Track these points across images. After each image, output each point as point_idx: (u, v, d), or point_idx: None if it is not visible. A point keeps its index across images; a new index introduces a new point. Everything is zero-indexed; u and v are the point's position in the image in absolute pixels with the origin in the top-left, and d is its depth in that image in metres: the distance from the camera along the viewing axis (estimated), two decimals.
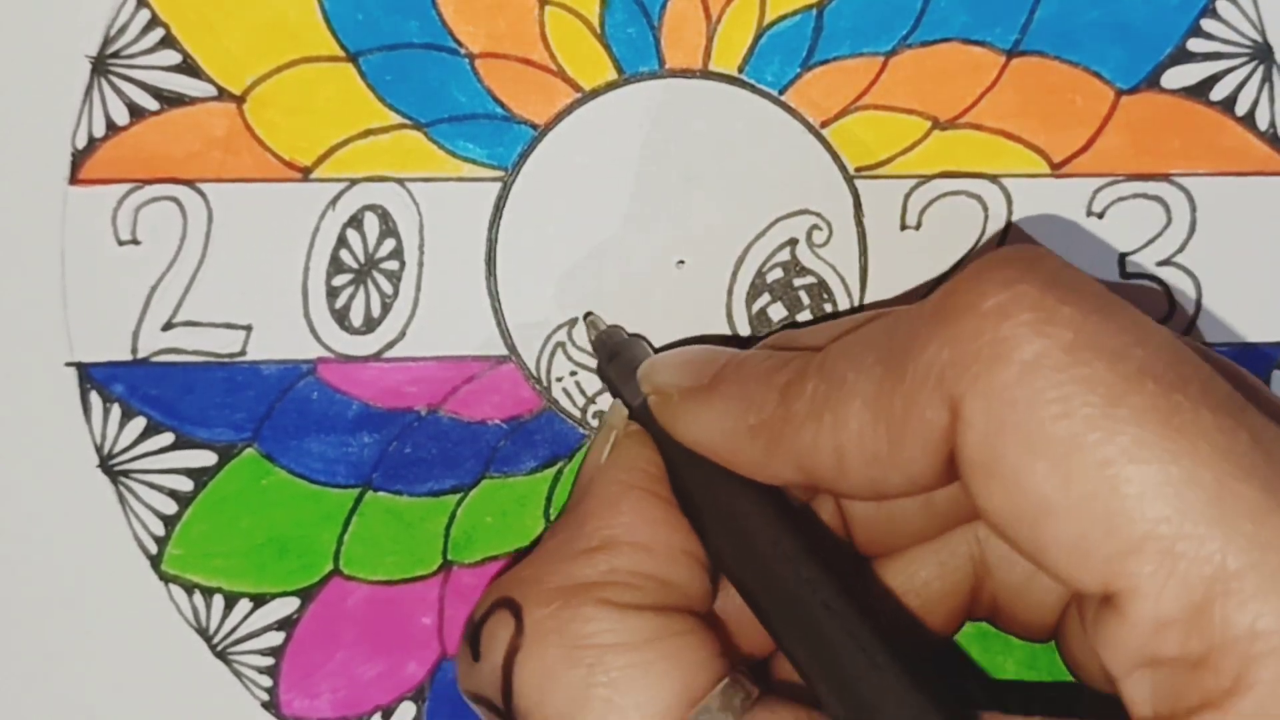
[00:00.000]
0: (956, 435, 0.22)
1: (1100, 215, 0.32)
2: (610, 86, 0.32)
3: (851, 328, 0.26)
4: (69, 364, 0.31)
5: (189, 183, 0.31)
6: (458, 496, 0.32)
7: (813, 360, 0.24)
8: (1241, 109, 0.32)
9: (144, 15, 0.31)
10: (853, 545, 0.28)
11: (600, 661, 0.24)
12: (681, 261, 0.32)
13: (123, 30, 0.31)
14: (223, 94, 0.31)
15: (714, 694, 0.24)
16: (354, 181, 0.31)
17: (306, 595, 0.31)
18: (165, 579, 0.31)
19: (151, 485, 0.31)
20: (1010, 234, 0.32)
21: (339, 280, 0.31)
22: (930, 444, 0.22)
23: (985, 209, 0.32)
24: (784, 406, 0.24)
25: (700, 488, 0.26)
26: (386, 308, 0.31)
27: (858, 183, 0.32)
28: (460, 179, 0.31)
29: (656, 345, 0.31)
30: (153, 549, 0.31)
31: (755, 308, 0.32)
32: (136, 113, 0.31)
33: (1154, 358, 0.21)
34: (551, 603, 0.25)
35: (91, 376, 0.31)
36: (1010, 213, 0.32)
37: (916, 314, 0.23)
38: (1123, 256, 0.32)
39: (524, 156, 0.31)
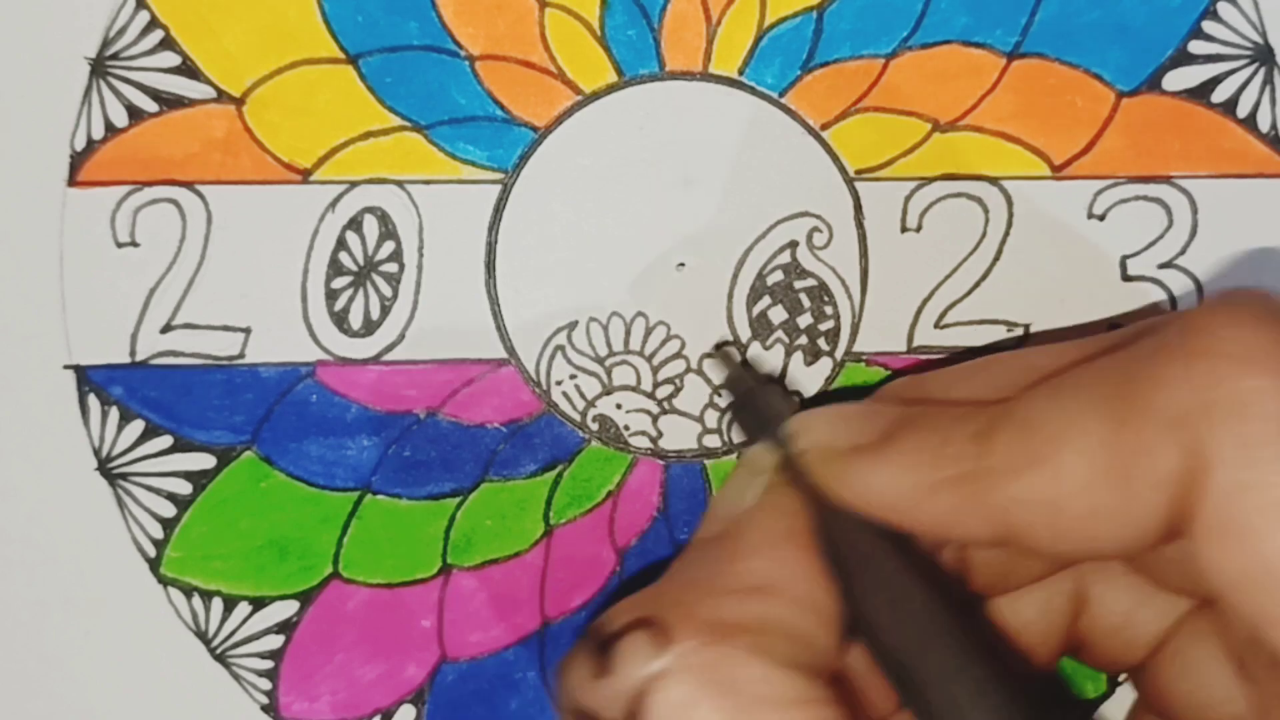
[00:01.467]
0: (1194, 487, 0.21)
1: (1101, 217, 0.32)
2: (610, 88, 0.31)
3: (1006, 372, 0.24)
4: (67, 366, 0.31)
5: (188, 185, 0.31)
6: (457, 499, 0.32)
7: (1007, 409, 0.23)
8: (1243, 111, 0.32)
9: (143, 17, 0.31)
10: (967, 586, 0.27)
11: (747, 713, 0.22)
12: (682, 264, 0.32)
13: (122, 32, 0.31)
14: (222, 96, 0.31)
15: None
16: (353, 184, 0.31)
17: (306, 598, 0.31)
18: (164, 582, 0.31)
19: (150, 488, 0.31)
20: (1011, 238, 0.32)
21: (338, 283, 0.31)
22: (1163, 496, 0.21)
23: (986, 211, 0.32)
24: (982, 459, 0.23)
25: (847, 543, 0.25)
26: (386, 310, 0.31)
27: (858, 185, 0.32)
28: (460, 181, 0.31)
29: (657, 346, 0.31)
30: (151, 552, 0.31)
31: (756, 310, 0.32)
32: (135, 114, 0.31)
33: None
34: (701, 635, 0.23)
35: (90, 379, 0.31)
36: (1011, 215, 0.32)
37: (1147, 354, 0.22)
38: (1124, 259, 0.32)
39: (524, 158, 0.31)
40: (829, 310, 0.32)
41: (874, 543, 0.25)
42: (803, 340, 0.32)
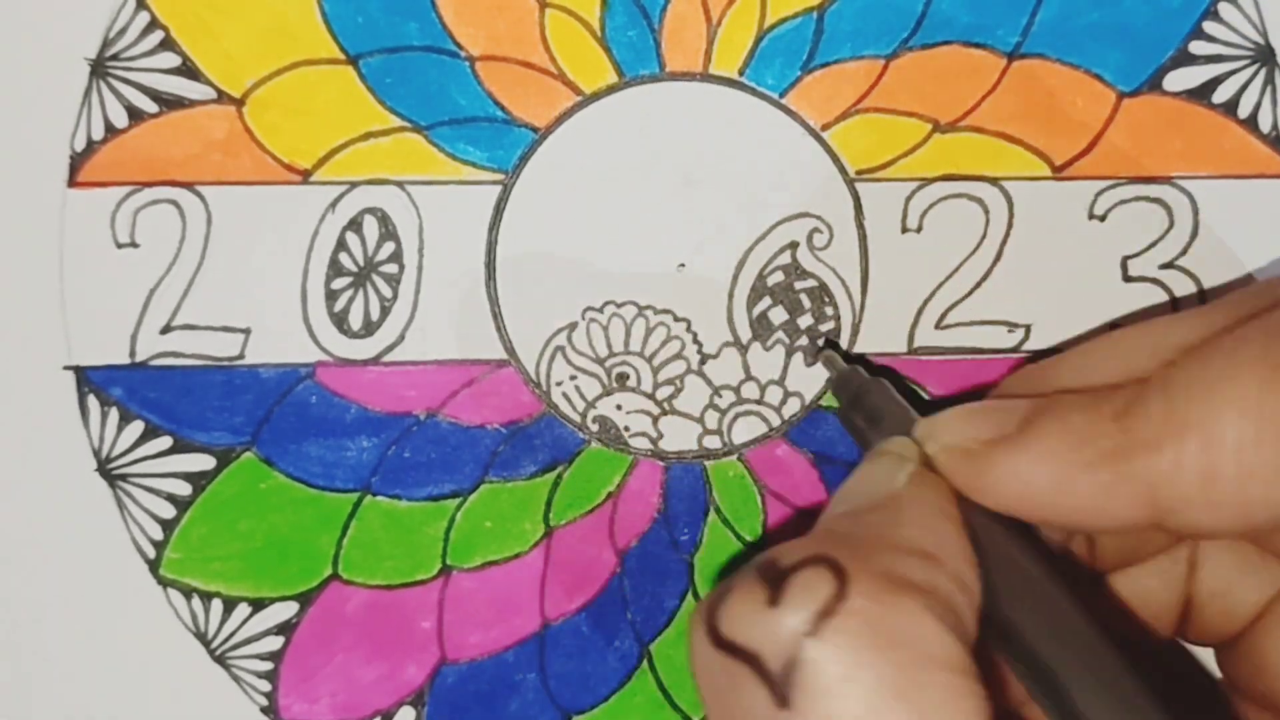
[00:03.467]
0: None
1: (1102, 218, 0.32)
2: (611, 89, 0.31)
3: (1133, 346, 0.24)
4: (67, 367, 0.31)
5: (188, 185, 0.31)
6: (457, 501, 0.31)
7: (1150, 382, 0.22)
8: (1244, 112, 0.32)
9: (143, 18, 0.31)
10: (1091, 562, 0.27)
11: (914, 670, 0.21)
12: (682, 265, 0.32)
13: (122, 33, 0.31)
14: (222, 96, 0.31)
15: None
16: (353, 184, 0.31)
17: (305, 599, 0.31)
18: (164, 583, 0.31)
19: (150, 489, 0.31)
20: (1012, 238, 0.32)
21: (338, 284, 0.31)
22: None
23: (986, 212, 0.32)
24: (1128, 433, 0.22)
25: (990, 541, 0.24)
26: (385, 311, 0.31)
27: (858, 185, 0.32)
28: (460, 182, 0.31)
29: (657, 347, 0.31)
30: (151, 553, 0.31)
31: (756, 311, 0.32)
32: (135, 115, 0.31)
33: None
34: (879, 583, 0.22)
35: (90, 380, 0.31)
36: (1011, 215, 0.32)
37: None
38: (1125, 260, 0.32)
39: (524, 159, 0.31)
40: (829, 311, 0.32)
41: (1013, 541, 0.24)
42: (803, 341, 0.32)
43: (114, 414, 0.31)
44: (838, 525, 0.24)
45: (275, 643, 0.31)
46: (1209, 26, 0.32)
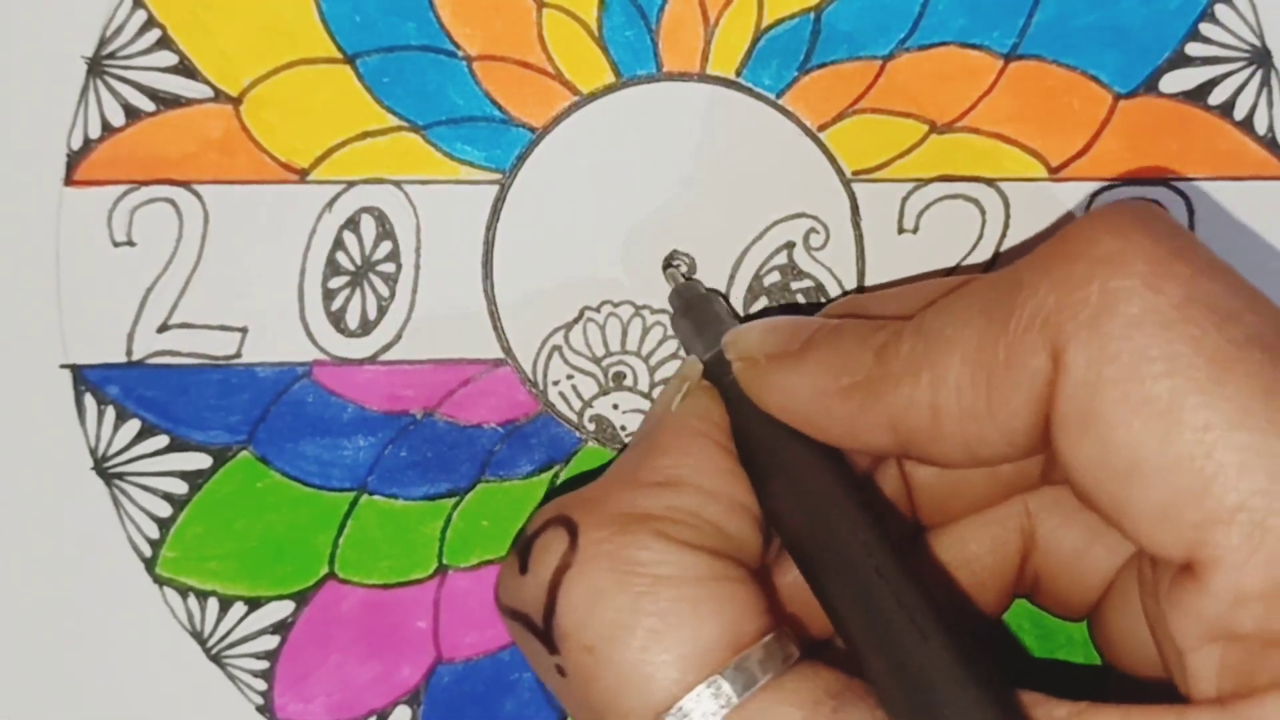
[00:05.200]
0: (1055, 385, 0.22)
1: None
2: (608, 89, 0.31)
3: (931, 290, 0.25)
4: (63, 366, 0.31)
5: (185, 184, 0.31)
6: (453, 500, 0.31)
7: (910, 322, 0.24)
8: (1240, 113, 0.32)
9: (140, 16, 0.31)
10: (913, 514, 0.28)
11: (651, 591, 0.24)
12: (679, 265, 0.32)
13: (119, 31, 0.31)
14: (219, 95, 0.31)
15: (758, 645, 0.24)
16: (351, 184, 0.31)
17: (301, 598, 0.31)
18: (160, 582, 0.31)
19: (146, 488, 0.31)
20: (1008, 239, 0.32)
21: (335, 283, 0.31)
22: (1031, 397, 0.22)
23: (983, 213, 0.32)
24: (880, 366, 0.24)
25: (765, 447, 0.26)
26: (383, 310, 0.31)
27: (855, 186, 0.32)
28: (457, 181, 0.31)
29: (654, 347, 0.31)
30: (147, 552, 0.31)
31: (752, 311, 0.32)
32: (132, 114, 0.31)
33: (1264, 325, 0.21)
34: (609, 527, 0.25)
35: (86, 378, 0.31)
36: (1008, 216, 0.32)
37: (1023, 264, 0.23)
38: None
39: (521, 159, 0.31)
40: None
41: (784, 444, 0.26)
42: None
43: (110, 412, 0.31)
44: (603, 475, 0.27)
45: (271, 642, 0.31)
46: (1205, 28, 0.32)
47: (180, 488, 0.31)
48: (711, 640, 0.24)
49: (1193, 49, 0.32)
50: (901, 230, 0.32)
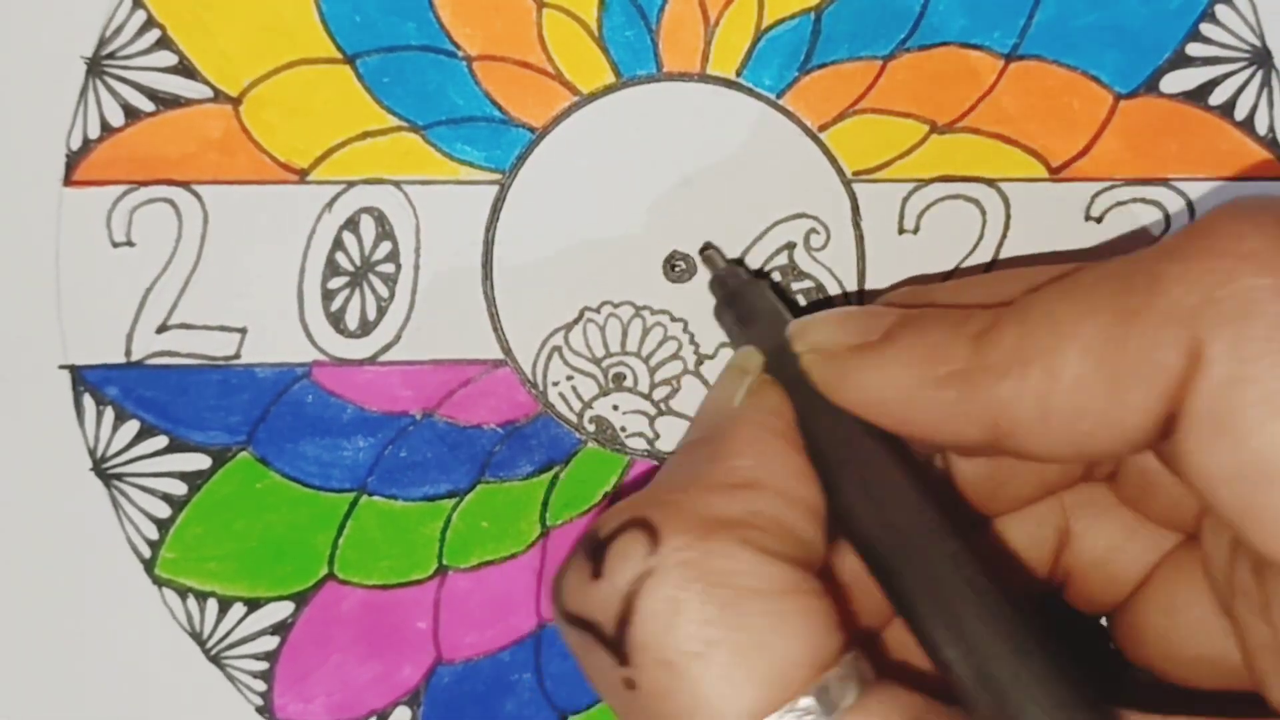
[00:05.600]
0: (1189, 383, 0.21)
1: (1099, 220, 0.32)
2: (608, 89, 0.31)
3: (1019, 279, 0.24)
4: (62, 366, 0.31)
5: (184, 184, 0.31)
6: (453, 501, 0.31)
7: (1009, 310, 0.23)
8: (1240, 113, 0.32)
9: (140, 16, 0.31)
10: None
11: (736, 604, 0.22)
12: (679, 264, 0.32)
13: (118, 31, 0.31)
14: (219, 95, 0.31)
15: (838, 666, 0.23)
16: (350, 184, 0.31)
17: (301, 599, 0.31)
18: (159, 583, 0.31)
19: (145, 489, 0.31)
20: (1008, 239, 0.32)
21: (334, 283, 0.31)
22: (1158, 393, 0.21)
23: (983, 213, 0.32)
24: (980, 356, 0.23)
25: (836, 445, 0.25)
26: (382, 311, 0.31)
27: (855, 186, 0.32)
28: (457, 181, 0.31)
29: (654, 348, 0.31)
30: (146, 553, 0.31)
31: None
32: (132, 114, 0.31)
33: None
34: (691, 532, 0.23)
35: (85, 379, 0.31)
36: (1008, 217, 0.32)
37: (1156, 255, 0.22)
38: None
39: (521, 159, 0.31)
40: None
41: (859, 441, 0.25)
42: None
43: (109, 413, 0.31)
44: (667, 473, 0.25)
45: (270, 642, 0.31)
46: (1206, 29, 0.32)
47: (179, 488, 0.31)
48: (796, 659, 0.22)
49: (1193, 49, 0.32)
50: (902, 231, 0.32)
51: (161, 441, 0.31)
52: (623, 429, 0.32)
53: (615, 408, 0.32)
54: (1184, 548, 0.27)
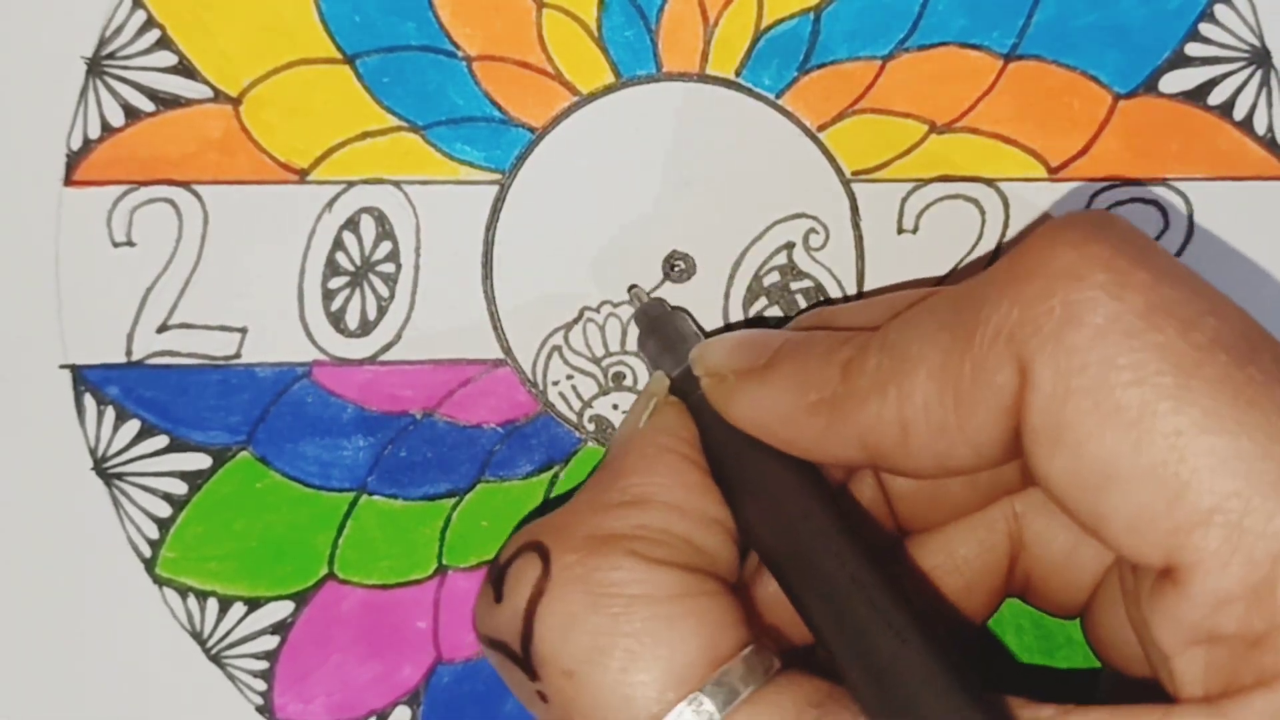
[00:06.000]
0: (1023, 399, 0.22)
1: None
2: (608, 89, 0.31)
3: (898, 302, 0.25)
4: (63, 366, 0.31)
5: (185, 184, 0.31)
6: (453, 500, 0.31)
7: (874, 336, 0.24)
8: (1239, 113, 0.32)
9: (140, 16, 0.31)
10: (894, 522, 0.28)
11: (626, 611, 0.24)
12: (679, 264, 0.32)
13: (118, 31, 0.31)
14: (219, 95, 0.31)
15: (738, 659, 0.24)
16: (350, 184, 0.31)
17: (301, 599, 0.31)
18: (159, 582, 0.31)
19: (146, 488, 0.31)
20: (1007, 239, 0.32)
21: (335, 283, 0.31)
22: (998, 411, 0.22)
23: (982, 213, 0.32)
24: (846, 383, 0.24)
25: (736, 461, 0.26)
26: (382, 311, 0.31)
27: (854, 186, 0.32)
28: (457, 181, 0.31)
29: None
30: (147, 552, 0.31)
31: (752, 311, 0.32)
32: (132, 114, 0.31)
33: (1227, 328, 0.21)
34: (580, 550, 0.25)
35: (86, 379, 0.31)
36: (1007, 216, 0.32)
37: (984, 279, 0.23)
38: None
39: (521, 159, 0.31)
40: None
41: (753, 457, 0.26)
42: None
43: (110, 413, 0.31)
44: (572, 499, 0.27)
45: (271, 642, 0.31)
46: (1205, 29, 0.32)
47: (180, 488, 0.31)
48: (690, 657, 0.24)
49: (1192, 49, 0.32)
50: (901, 230, 0.32)
51: (162, 441, 0.31)
52: None
53: (615, 407, 0.32)
54: None
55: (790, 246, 0.32)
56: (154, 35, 0.31)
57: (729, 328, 0.32)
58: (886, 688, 0.23)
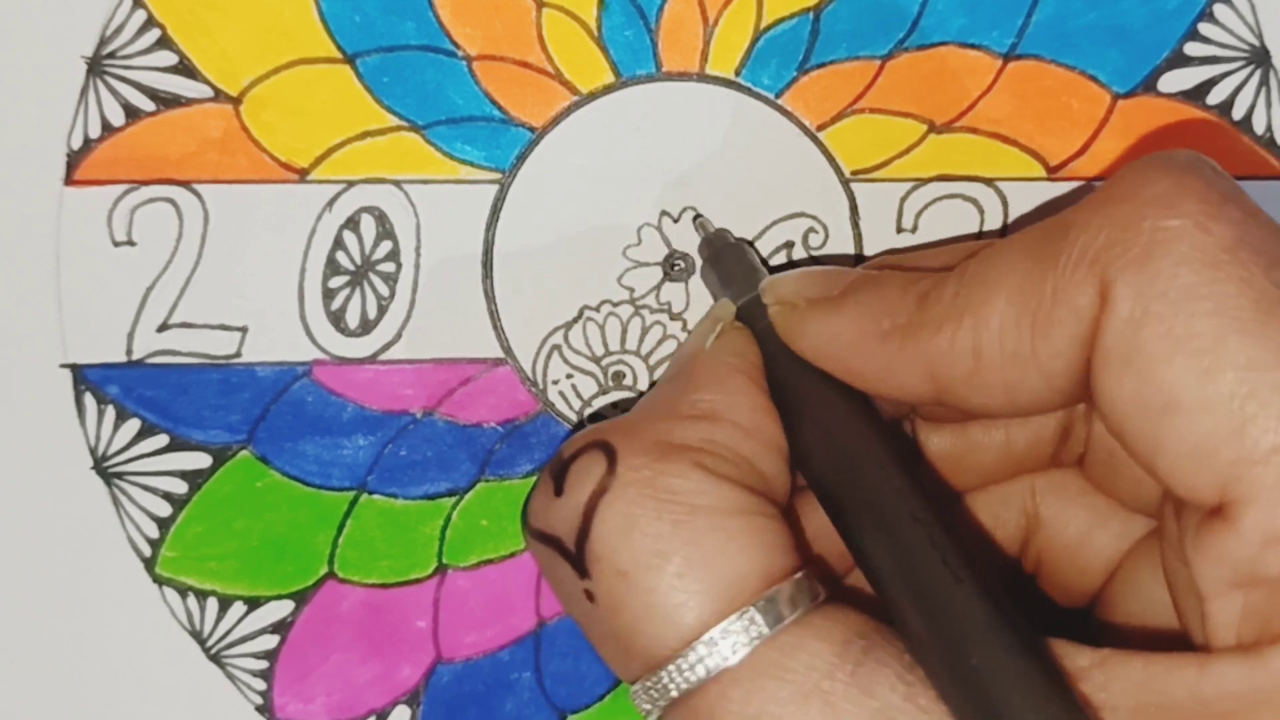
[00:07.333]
0: (1100, 322, 0.22)
1: None
2: (607, 89, 0.32)
3: (976, 247, 0.25)
4: (63, 365, 0.31)
5: (185, 184, 0.31)
6: (453, 499, 0.32)
7: (954, 271, 0.24)
8: (1238, 113, 0.32)
9: (140, 16, 0.31)
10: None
11: (688, 519, 0.24)
12: (678, 264, 0.32)
13: (119, 31, 0.31)
14: (219, 95, 0.31)
15: (789, 582, 0.24)
16: (351, 183, 0.31)
17: (301, 598, 0.31)
18: (159, 581, 0.31)
19: (146, 487, 0.31)
20: (1006, 237, 0.32)
21: (335, 282, 0.31)
22: (1075, 338, 0.22)
23: (981, 212, 0.32)
24: (921, 311, 0.24)
25: (797, 392, 0.26)
26: (382, 310, 0.31)
27: (854, 186, 0.32)
28: (457, 181, 0.31)
29: (653, 346, 0.31)
30: (147, 551, 0.31)
31: None
32: (132, 113, 0.31)
33: None
34: (648, 454, 0.25)
35: (86, 378, 0.31)
36: (1006, 216, 0.32)
37: (1074, 208, 0.23)
38: None
39: (521, 159, 0.31)
40: None
41: (816, 386, 0.26)
42: None
43: (110, 412, 0.31)
44: (637, 407, 0.27)
45: (270, 641, 0.31)
46: (1204, 28, 0.32)
47: (180, 487, 0.31)
48: (744, 572, 0.24)
49: (1191, 49, 0.32)
50: (900, 230, 0.32)
51: (162, 440, 0.31)
52: None
53: (615, 406, 0.32)
54: (1153, 536, 0.27)
55: (790, 246, 0.32)
56: (154, 35, 0.31)
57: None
58: (938, 625, 0.23)
